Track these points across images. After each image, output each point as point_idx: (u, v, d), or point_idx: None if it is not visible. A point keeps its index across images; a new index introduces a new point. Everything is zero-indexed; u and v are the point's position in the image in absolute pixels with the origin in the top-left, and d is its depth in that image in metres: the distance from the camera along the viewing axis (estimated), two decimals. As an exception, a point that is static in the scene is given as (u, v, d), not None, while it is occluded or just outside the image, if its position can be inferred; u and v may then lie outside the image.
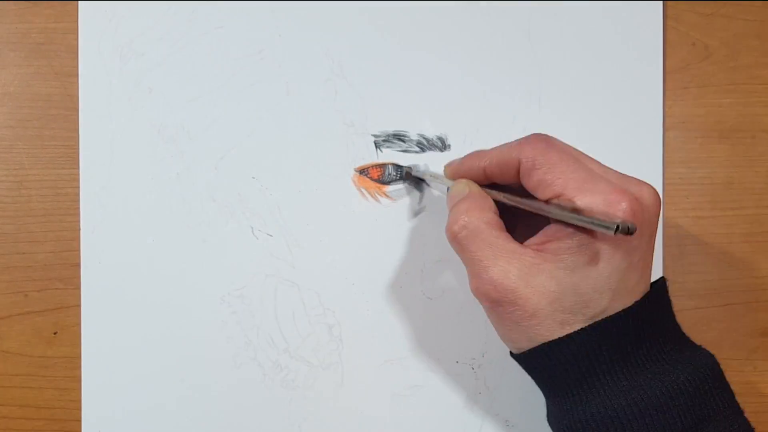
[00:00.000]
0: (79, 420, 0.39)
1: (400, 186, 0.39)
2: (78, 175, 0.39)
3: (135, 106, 0.39)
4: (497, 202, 0.31)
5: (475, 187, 0.31)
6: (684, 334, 0.30)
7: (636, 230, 0.25)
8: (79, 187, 0.39)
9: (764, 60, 0.40)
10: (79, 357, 0.39)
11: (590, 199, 0.27)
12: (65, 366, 0.39)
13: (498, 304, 0.28)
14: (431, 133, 0.39)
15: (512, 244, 0.28)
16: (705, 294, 0.40)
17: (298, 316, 0.39)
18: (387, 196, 0.39)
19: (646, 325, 0.28)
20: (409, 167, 0.39)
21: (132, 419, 0.39)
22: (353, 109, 0.39)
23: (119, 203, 0.39)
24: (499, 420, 0.39)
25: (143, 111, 0.39)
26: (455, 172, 0.33)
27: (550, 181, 0.28)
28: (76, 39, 0.39)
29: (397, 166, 0.39)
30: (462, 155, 0.33)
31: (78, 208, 0.39)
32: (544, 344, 0.28)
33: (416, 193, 0.39)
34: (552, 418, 0.31)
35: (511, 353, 0.31)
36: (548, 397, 0.31)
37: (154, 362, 0.39)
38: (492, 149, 0.31)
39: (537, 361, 0.29)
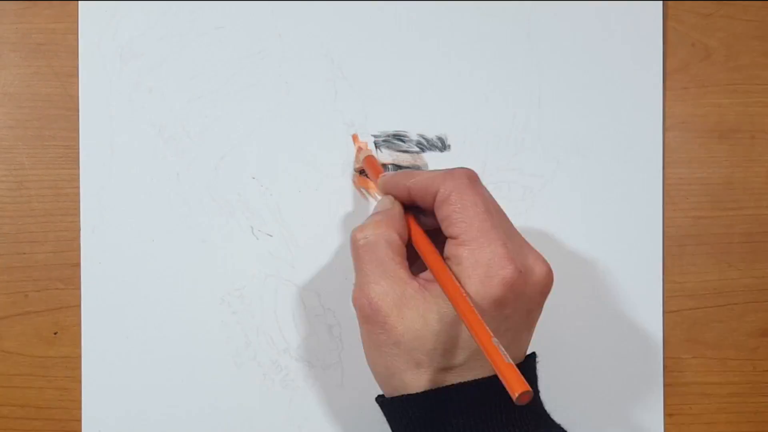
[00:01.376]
0: (79, 420, 0.39)
1: (400, 186, 0.39)
2: (78, 175, 0.39)
3: (135, 107, 0.39)
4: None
5: (398, 209, 0.31)
6: (545, 412, 0.30)
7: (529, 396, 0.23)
8: (79, 187, 0.39)
9: (764, 60, 0.40)
10: (79, 357, 0.39)
11: (479, 253, 0.27)
12: (65, 366, 0.39)
13: (368, 322, 0.28)
14: (431, 133, 0.39)
15: (402, 271, 0.29)
16: (705, 294, 0.40)
17: (298, 316, 0.39)
18: (387, 196, 0.39)
19: (503, 397, 0.26)
20: (370, 155, 0.38)
21: (132, 419, 0.39)
22: (353, 109, 0.39)
23: (119, 203, 0.39)
24: (499, 420, 0.39)
25: (143, 111, 0.39)
26: (386, 184, 0.33)
27: (454, 221, 0.28)
28: (76, 39, 0.39)
29: (398, 167, 0.39)
30: (460, 155, 0.33)
31: (78, 208, 0.39)
32: (396, 397, 0.28)
33: (416, 193, 0.39)
34: None
35: (376, 397, 0.31)
36: None
37: (154, 362, 0.39)
38: (422, 172, 0.32)
39: (392, 410, 0.29)
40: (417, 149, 0.39)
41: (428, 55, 0.40)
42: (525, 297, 0.28)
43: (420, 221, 0.32)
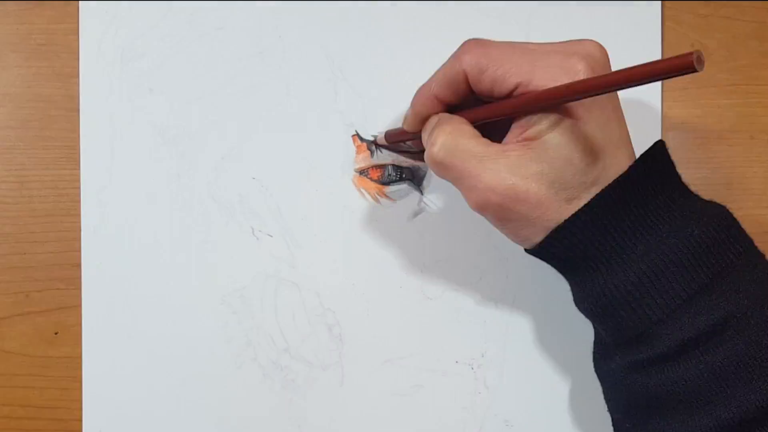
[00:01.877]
0: (79, 420, 0.39)
1: (400, 186, 0.39)
2: (79, 175, 0.39)
3: (135, 107, 0.39)
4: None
5: (445, 113, 0.31)
6: (690, 190, 0.30)
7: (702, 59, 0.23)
8: (79, 188, 0.39)
9: (763, 61, 0.40)
10: (79, 357, 0.39)
11: (548, 75, 0.27)
12: (66, 366, 0.39)
13: (502, 208, 0.28)
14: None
15: (494, 147, 0.28)
16: (704, 294, 0.40)
17: (298, 316, 0.39)
18: (387, 196, 0.39)
19: (650, 183, 0.28)
20: (374, 136, 0.38)
21: (133, 419, 0.39)
22: (353, 109, 0.39)
23: (119, 203, 0.39)
24: (498, 420, 0.39)
25: (144, 111, 0.39)
26: (413, 119, 0.32)
27: (503, 76, 0.28)
28: (77, 40, 0.39)
29: (397, 167, 0.39)
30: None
31: (79, 209, 0.39)
32: (554, 230, 0.28)
33: (416, 194, 0.39)
34: (578, 300, 0.31)
35: (525, 250, 0.31)
36: (571, 280, 0.31)
37: (154, 362, 0.39)
38: (433, 75, 0.31)
39: (552, 249, 0.29)
40: (417, 149, 0.39)
41: (428, 55, 0.40)
42: (604, 72, 0.28)
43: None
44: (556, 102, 0.27)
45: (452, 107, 0.31)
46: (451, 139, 0.29)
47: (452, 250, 0.39)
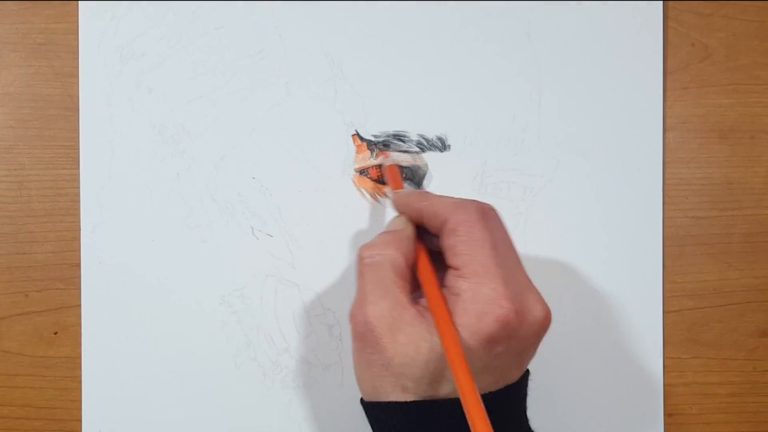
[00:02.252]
0: (79, 420, 0.39)
1: (400, 186, 0.39)
2: (78, 175, 0.39)
3: (135, 107, 0.39)
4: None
5: (410, 231, 0.32)
6: (530, 429, 0.31)
7: None
8: (79, 188, 0.39)
9: (764, 60, 0.40)
10: (79, 357, 0.39)
11: (477, 288, 0.27)
12: (65, 366, 0.39)
13: (361, 339, 0.29)
14: (431, 133, 0.39)
15: (402, 296, 0.29)
16: (705, 294, 0.40)
17: (298, 316, 0.39)
18: (387, 196, 0.39)
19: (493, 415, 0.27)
20: (394, 165, 0.38)
21: (132, 419, 0.39)
22: (353, 109, 0.39)
23: (119, 203, 0.39)
24: (499, 420, 0.39)
25: (143, 111, 0.39)
26: (398, 202, 0.33)
27: (458, 253, 0.28)
28: (77, 39, 0.39)
29: (397, 167, 0.39)
30: (460, 155, 0.33)
31: (78, 209, 0.39)
32: (377, 403, 0.29)
33: (416, 193, 0.39)
34: None
35: (360, 400, 0.31)
36: None
37: (154, 362, 0.39)
38: (435, 196, 0.32)
39: (371, 416, 0.30)
40: (417, 149, 0.39)
41: (428, 55, 0.40)
42: (518, 337, 0.28)
43: (430, 242, 0.32)
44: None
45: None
46: (384, 259, 0.30)
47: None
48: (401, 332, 0.28)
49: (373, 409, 0.29)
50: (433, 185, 0.39)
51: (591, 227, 0.40)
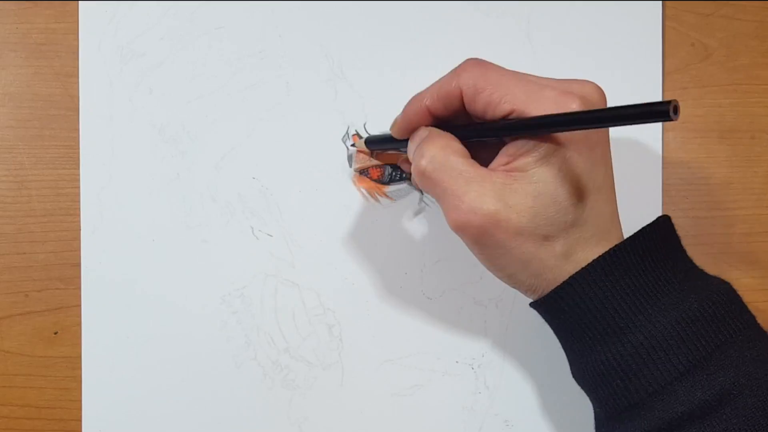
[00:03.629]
0: (79, 420, 0.39)
1: (400, 186, 0.39)
2: (78, 175, 0.39)
3: (135, 107, 0.39)
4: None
5: (434, 128, 0.31)
6: (693, 263, 0.30)
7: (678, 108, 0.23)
8: (79, 187, 0.39)
9: (763, 60, 0.40)
10: (79, 357, 0.39)
11: (542, 107, 0.27)
12: (66, 366, 0.39)
13: (480, 231, 0.28)
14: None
15: (481, 170, 0.28)
16: (705, 294, 0.40)
17: (298, 316, 0.39)
18: (387, 196, 0.39)
19: (654, 252, 0.28)
20: (365, 138, 0.38)
21: (132, 419, 0.39)
22: (353, 109, 0.39)
23: (119, 203, 0.39)
24: (498, 420, 0.39)
25: (143, 111, 0.39)
26: (402, 127, 0.32)
27: (498, 100, 0.28)
28: (77, 39, 0.39)
29: (397, 167, 0.39)
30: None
31: (78, 208, 0.39)
32: (555, 290, 0.28)
33: (416, 193, 0.39)
34: (575, 369, 0.31)
35: (530, 303, 0.31)
36: (567, 348, 0.31)
37: (154, 362, 0.39)
38: (429, 87, 0.31)
39: (552, 306, 0.29)
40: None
41: (428, 55, 0.40)
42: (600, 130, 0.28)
43: None
44: (543, 131, 0.27)
45: (442, 121, 0.31)
46: (441, 154, 0.29)
47: (452, 250, 0.39)
48: (509, 195, 0.27)
49: (575, 286, 0.28)
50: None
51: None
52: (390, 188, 0.39)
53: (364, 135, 0.39)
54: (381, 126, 0.39)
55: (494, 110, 0.28)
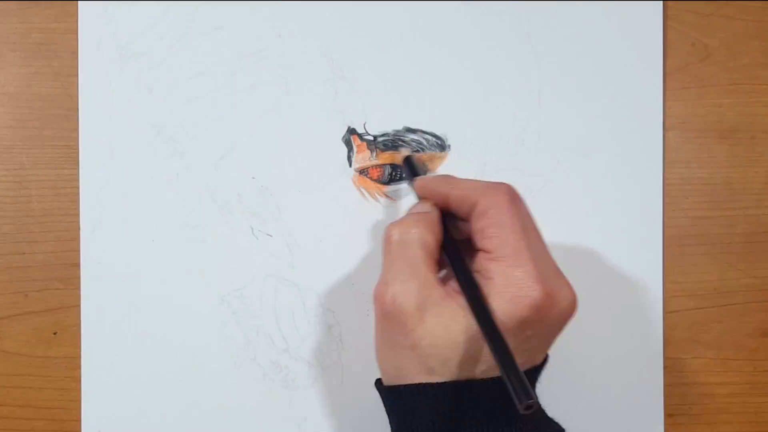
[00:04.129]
0: (78, 420, 0.39)
1: (400, 186, 0.39)
2: (78, 175, 0.39)
3: (135, 106, 0.39)
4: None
5: (436, 213, 0.31)
6: (543, 411, 0.31)
7: (533, 407, 0.24)
8: (78, 187, 0.39)
9: (764, 60, 0.40)
10: (78, 357, 0.39)
11: (510, 270, 0.27)
12: (65, 366, 0.39)
13: (387, 319, 0.28)
14: (431, 133, 0.39)
15: (430, 275, 0.28)
16: (705, 294, 0.40)
17: (298, 316, 0.39)
18: (387, 196, 0.39)
19: (507, 400, 0.27)
20: (410, 155, 0.38)
21: (132, 419, 0.39)
22: (353, 109, 0.39)
23: (119, 203, 0.39)
24: (499, 420, 0.39)
25: (143, 111, 0.39)
26: (424, 187, 0.33)
27: (489, 235, 0.28)
28: (76, 39, 0.39)
29: (397, 167, 0.39)
30: (460, 155, 0.33)
31: (78, 209, 0.39)
32: (406, 386, 0.28)
33: (416, 193, 0.39)
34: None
35: (375, 382, 0.31)
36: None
37: (153, 362, 0.39)
38: (462, 180, 0.31)
39: (394, 400, 0.29)
40: (417, 149, 0.39)
41: (428, 55, 0.40)
42: (548, 321, 0.28)
43: (451, 229, 0.31)
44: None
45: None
46: (414, 238, 0.29)
47: (452, 250, 0.39)
48: (430, 312, 0.27)
49: (394, 393, 0.29)
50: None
51: (591, 227, 0.40)
52: (390, 188, 0.39)
53: (360, 132, 0.39)
54: (381, 126, 0.39)
55: (481, 240, 0.28)
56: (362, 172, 0.39)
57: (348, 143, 0.39)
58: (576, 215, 0.40)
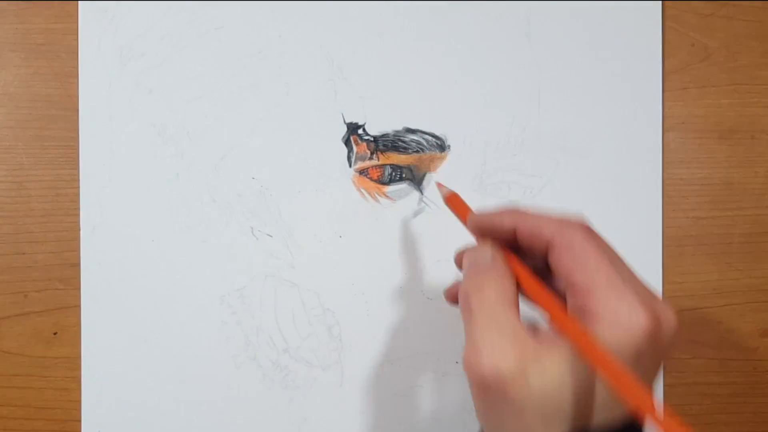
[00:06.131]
0: (78, 420, 0.39)
1: (400, 186, 0.39)
2: (78, 175, 0.39)
3: (135, 107, 0.39)
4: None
5: (500, 259, 0.29)
6: None
7: None
8: (78, 188, 0.39)
9: (763, 60, 0.40)
10: (78, 357, 0.39)
11: (613, 303, 0.25)
12: (65, 366, 0.39)
13: (487, 391, 0.26)
14: (431, 133, 0.39)
15: (519, 328, 0.26)
16: (705, 294, 0.40)
17: (298, 316, 0.39)
18: (387, 196, 0.39)
19: None
20: (453, 194, 0.34)
21: (132, 419, 0.39)
22: (353, 109, 0.39)
23: (119, 203, 0.39)
24: (499, 420, 0.39)
25: (143, 111, 0.39)
26: (481, 224, 0.30)
27: (578, 271, 0.26)
28: (76, 39, 0.39)
29: (397, 167, 0.39)
30: (460, 155, 0.32)
31: (78, 209, 0.39)
32: None
33: (416, 193, 0.39)
34: None
35: None
36: None
37: (154, 362, 0.39)
38: (528, 214, 0.29)
39: None
40: (416, 149, 0.39)
41: (428, 55, 0.40)
42: (660, 346, 0.26)
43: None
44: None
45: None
46: (494, 297, 0.27)
47: (452, 250, 0.39)
48: (530, 370, 0.25)
49: None
50: (433, 185, 0.39)
51: (591, 227, 0.40)
52: (390, 188, 0.39)
53: (360, 132, 0.39)
54: (381, 126, 0.39)
55: (569, 277, 0.27)
56: (362, 172, 0.39)
57: (348, 144, 0.39)
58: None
